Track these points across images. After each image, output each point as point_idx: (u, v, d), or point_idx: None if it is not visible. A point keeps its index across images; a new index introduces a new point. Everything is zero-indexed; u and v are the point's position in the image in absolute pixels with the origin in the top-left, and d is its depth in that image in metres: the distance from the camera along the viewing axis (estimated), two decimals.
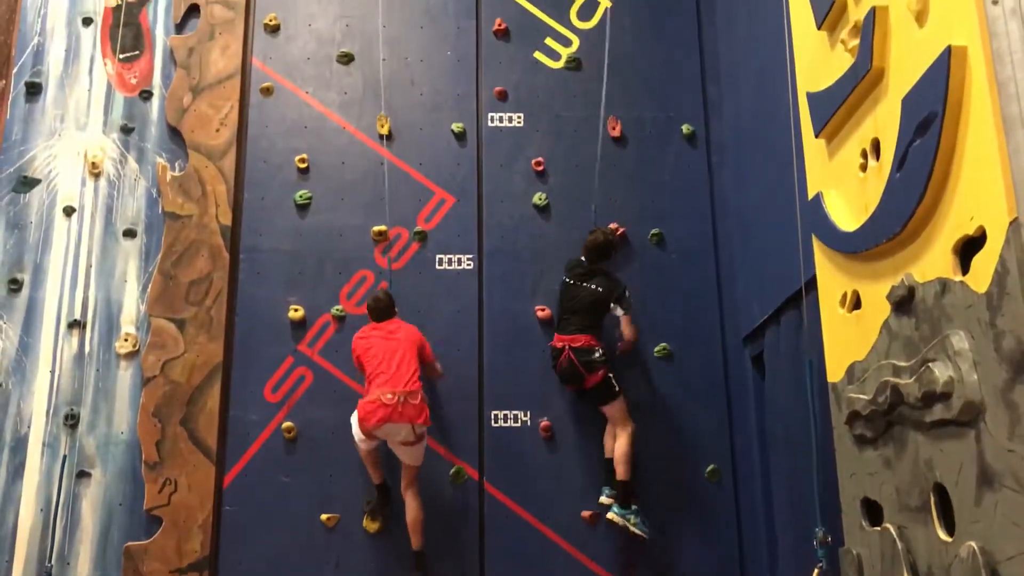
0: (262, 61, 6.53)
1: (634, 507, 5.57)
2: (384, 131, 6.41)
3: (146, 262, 6.11)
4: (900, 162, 3.18)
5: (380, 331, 5.58)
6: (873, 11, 3.43)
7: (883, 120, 3.42)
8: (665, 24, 6.76)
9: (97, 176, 6.25)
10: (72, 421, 5.78)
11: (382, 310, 5.67)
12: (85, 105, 6.38)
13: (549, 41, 6.72)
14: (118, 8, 6.58)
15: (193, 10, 6.58)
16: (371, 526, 5.75)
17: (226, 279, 6.06)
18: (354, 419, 5.47)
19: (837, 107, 3.75)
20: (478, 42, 6.71)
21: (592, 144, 6.41)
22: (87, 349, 5.94)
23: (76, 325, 5.97)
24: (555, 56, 6.69)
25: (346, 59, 6.55)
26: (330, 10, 6.69)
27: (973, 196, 2.78)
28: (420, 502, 5.51)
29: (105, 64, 6.48)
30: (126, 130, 6.33)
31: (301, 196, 6.26)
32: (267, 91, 6.44)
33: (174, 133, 6.35)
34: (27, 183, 6.17)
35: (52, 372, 5.88)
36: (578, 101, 6.60)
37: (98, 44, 6.51)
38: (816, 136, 4.01)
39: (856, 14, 3.68)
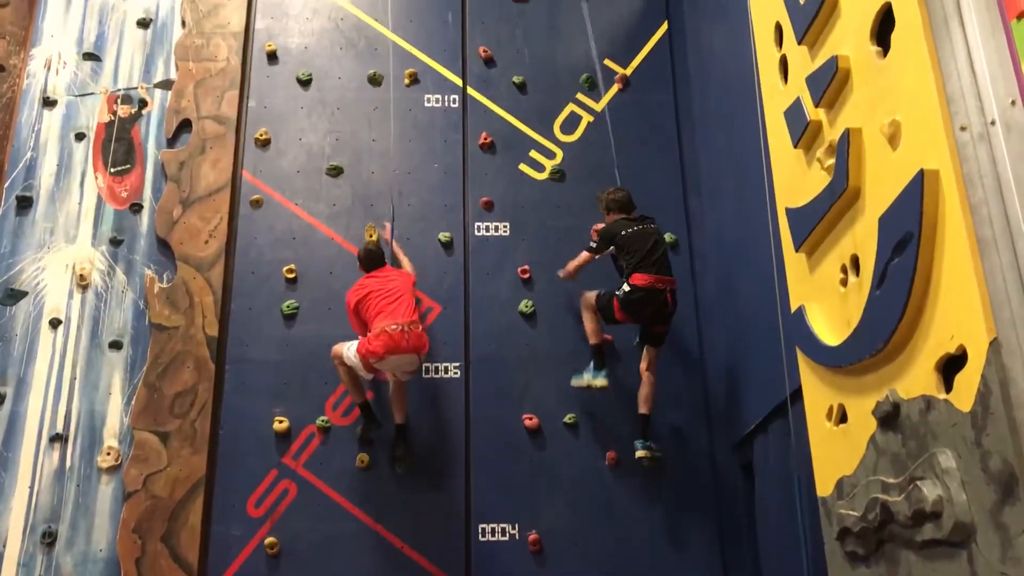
0: (252, 174, 6.64)
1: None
2: (372, 242, 6.49)
3: (131, 374, 6.08)
4: (880, 279, 3.24)
5: (375, 278, 5.82)
6: (847, 133, 3.54)
7: (861, 237, 3.49)
8: (647, 136, 6.94)
9: (84, 288, 6.27)
10: (49, 539, 5.65)
11: (375, 260, 5.94)
12: (75, 218, 6.45)
13: (534, 154, 6.88)
14: (111, 123, 6.72)
15: (185, 125, 6.72)
16: (363, 457, 5.93)
17: (211, 391, 6.02)
18: (351, 352, 5.62)
19: (816, 223, 3.83)
20: (464, 155, 6.86)
21: (577, 252, 6.46)
22: (68, 463, 5.85)
23: (58, 439, 5.89)
24: (539, 168, 6.84)
25: (335, 172, 6.68)
26: (320, 125, 6.85)
27: (953, 315, 2.82)
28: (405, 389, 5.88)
29: (96, 178, 6.58)
30: (115, 242, 6.39)
31: (288, 306, 6.28)
32: (257, 203, 6.53)
33: (163, 245, 6.40)
34: (14, 295, 6.18)
35: (31, 488, 5.77)
36: (563, 211, 6.72)
37: (90, 158, 6.63)
38: (796, 250, 4.09)
39: (831, 134, 3.79)
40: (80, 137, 6.68)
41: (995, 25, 2.90)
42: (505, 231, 6.66)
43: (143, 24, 7.06)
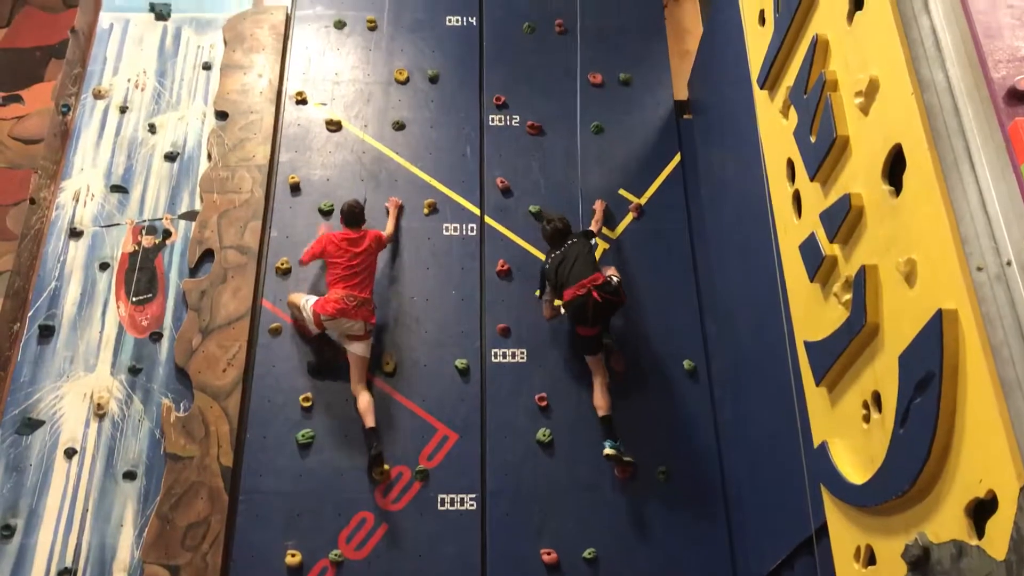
0: (272, 302, 6.71)
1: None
2: (388, 368, 6.50)
3: (144, 505, 6.00)
4: (903, 418, 3.19)
5: (350, 240, 6.41)
6: (863, 269, 3.56)
7: (882, 374, 3.46)
8: (662, 264, 7.00)
9: (101, 417, 6.26)
10: None
11: (356, 216, 6.55)
12: (95, 347, 6.49)
13: None
14: (135, 253, 6.85)
15: (208, 255, 6.84)
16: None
17: (224, 522, 5.92)
18: (308, 306, 6.30)
19: (836, 358, 3.81)
20: (481, 282, 6.92)
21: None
22: None
23: (66, 573, 5.77)
24: None
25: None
26: None
27: (980, 458, 2.77)
28: (370, 392, 6.30)
29: (118, 307, 6.66)
30: (134, 371, 6.41)
31: (304, 435, 6.23)
32: (276, 331, 6.58)
33: (181, 374, 6.41)
34: (30, 425, 6.17)
35: None
36: None
37: (113, 288, 6.72)
38: (817, 384, 4.05)
39: (847, 270, 3.82)
40: (104, 267, 6.80)
41: (1005, 168, 2.96)
42: (522, 357, 6.65)
43: (170, 158, 7.28)
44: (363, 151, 7.39)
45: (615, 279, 6.23)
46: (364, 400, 6.25)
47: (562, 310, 6.29)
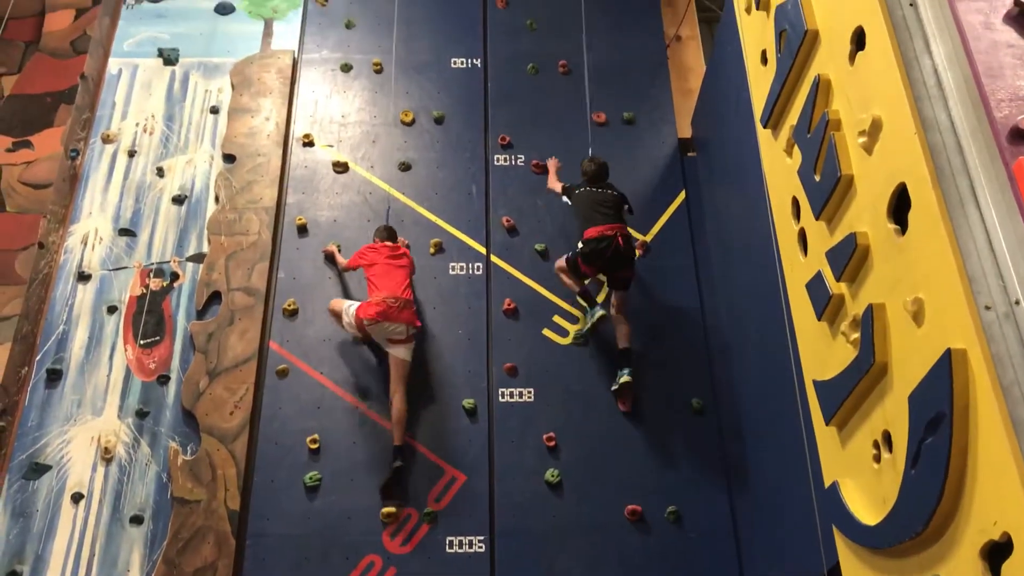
0: (279, 344, 6.71)
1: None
2: None
3: (151, 549, 5.96)
4: (914, 459, 3.16)
5: (388, 251, 6.56)
6: (871, 308, 3.55)
7: (892, 413, 3.44)
8: (669, 302, 6.99)
9: (108, 461, 6.24)
10: None
11: (392, 232, 6.81)
12: (103, 390, 6.49)
13: (557, 318, 6.93)
14: (143, 296, 6.87)
15: (215, 297, 6.86)
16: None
17: (231, 567, 5.87)
18: (350, 311, 6.34)
19: (845, 397, 3.79)
20: (488, 321, 6.92)
21: (604, 419, 6.45)
22: None
23: None
24: (563, 333, 6.87)
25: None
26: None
27: (993, 499, 2.74)
28: (406, 402, 6.30)
29: (126, 350, 6.67)
30: (141, 414, 6.40)
31: (311, 478, 6.20)
32: (282, 373, 6.57)
33: (188, 417, 6.41)
34: (38, 470, 6.16)
35: None
36: (587, 376, 6.70)
37: (120, 331, 6.74)
38: (827, 424, 4.03)
39: (854, 308, 3.81)
40: (112, 310, 6.82)
41: (1010, 207, 2.96)
42: (530, 397, 6.62)
43: (178, 201, 7.33)
44: (370, 192, 7.43)
45: (636, 240, 6.75)
46: (398, 410, 6.26)
47: (579, 245, 6.48)
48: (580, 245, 6.46)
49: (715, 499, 6.25)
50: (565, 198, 6.82)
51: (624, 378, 6.42)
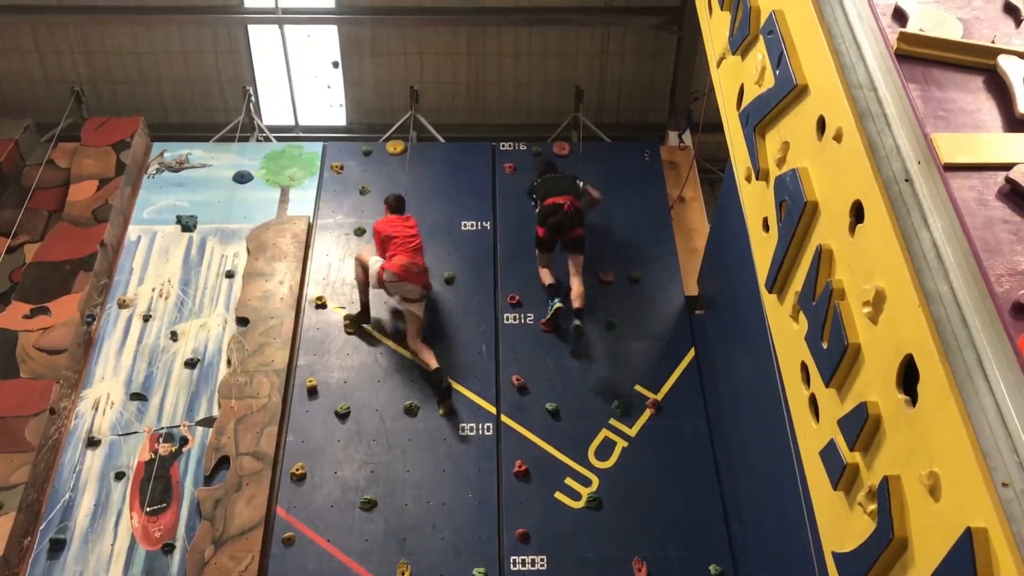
0: (286, 510, 6.60)
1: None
2: None
3: None
4: None
5: (400, 221, 7.56)
6: (886, 481, 3.49)
7: None
8: (683, 463, 6.89)
9: None
10: None
11: (401, 205, 7.83)
12: (106, 561, 6.35)
13: (569, 481, 6.82)
14: (151, 462, 6.83)
15: (224, 461, 6.80)
16: (349, 328, 7.59)
17: None
18: (376, 263, 7.27)
19: (866, 571, 3.66)
20: (499, 484, 6.82)
21: None
22: None
23: None
24: (576, 496, 6.75)
25: (369, 505, 6.63)
26: (356, 456, 6.91)
27: None
28: (422, 338, 7.33)
29: (131, 518, 6.56)
30: None
31: None
32: (289, 541, 6.43)
33: None
34: None
35: None
36: (602, 541, 6.53)
37: (127, 498, 6.65)
38: None
39: (870, 479, 3.73)
40: (120, 476, 6.76)
41: (1019, 382, 2.95)
42: (543, 565, 6.44)
43: (190, 364, 7.38)
44: (380, 352, 7.49)
45: (594, 193, 8.10)
46: (423, 348, 7.24)
47: (537, 211, 7.79)
48: (537, 211, 7.77)
49: None
50: (534, 198, 7.97)
51: (556, 305, 7.50)
